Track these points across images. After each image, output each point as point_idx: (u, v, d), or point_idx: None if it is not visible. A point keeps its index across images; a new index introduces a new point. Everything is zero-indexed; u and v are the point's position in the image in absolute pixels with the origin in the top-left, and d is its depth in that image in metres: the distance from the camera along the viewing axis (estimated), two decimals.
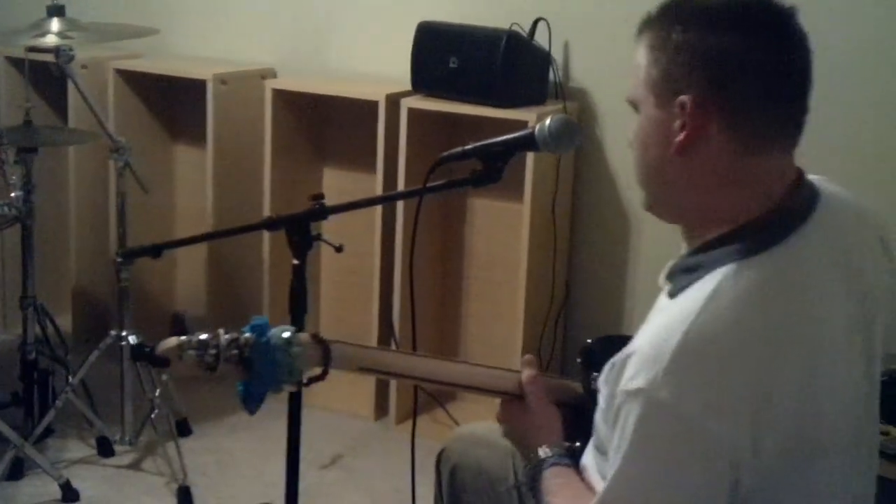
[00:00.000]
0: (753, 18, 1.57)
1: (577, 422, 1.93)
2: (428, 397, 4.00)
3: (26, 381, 3.60)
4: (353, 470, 3.70)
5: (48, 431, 3.65)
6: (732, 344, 1.50)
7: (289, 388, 1.90)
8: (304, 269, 2.46)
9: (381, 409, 4.04)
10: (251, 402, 1.85)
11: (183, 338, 1.82)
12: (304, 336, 1.88)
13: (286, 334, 1.84)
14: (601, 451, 1.74)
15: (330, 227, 2.79)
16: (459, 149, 2.20)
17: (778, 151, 1.62)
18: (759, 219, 1.60)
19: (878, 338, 1.69)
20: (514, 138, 2.17)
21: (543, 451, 1.87)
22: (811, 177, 1.70)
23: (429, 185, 2.26)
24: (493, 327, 4.05)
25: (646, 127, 1.65)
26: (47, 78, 3.72)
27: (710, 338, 1.50)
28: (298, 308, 2.48)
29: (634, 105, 1.67)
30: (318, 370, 1.94)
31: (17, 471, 3.45)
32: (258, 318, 1.85)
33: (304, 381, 1.94)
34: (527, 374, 2.00)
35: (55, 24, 3.55)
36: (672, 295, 1.63)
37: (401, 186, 3.78)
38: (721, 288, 1.53)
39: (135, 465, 3.64)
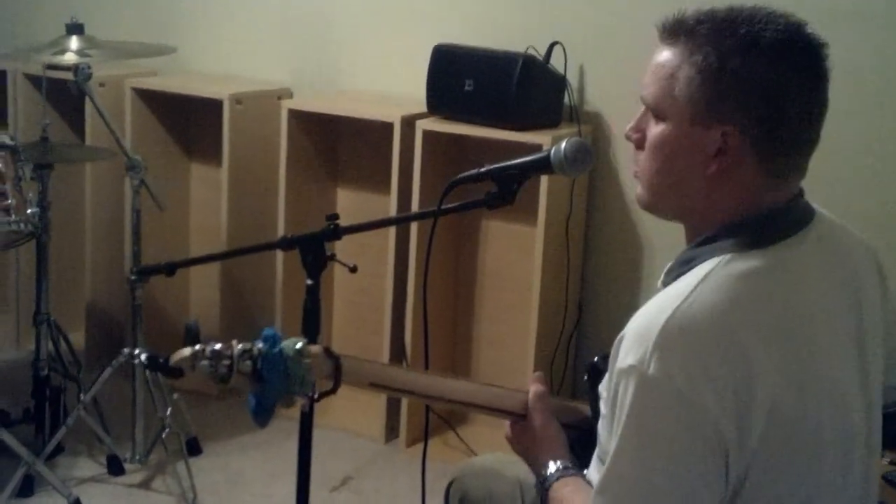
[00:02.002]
0: (800, 56, 1.59)
1: (584, 446, 1.93)
2: (439, 420, 4.00)
3: (38, 397, 3.61)
4: (363, 492, 3.69)
5: (59, 449, 3.65)
6: (718, 323, 1.53)
7: (300, 401, 1.90)
8: (318, 289, 2.46)
9: (391, 431, 4.03)
10: (262, 413, 1.85)
11: (196, 347, 1.82)
12: (315, 348, 1.89)
13: (298, 345, 1.85)
14: (603, 462, 1.74)
15: (343, 248, 2.80)
16: (474, 171, 2.21)
17: (798, 176, 1.66)
18: (758, 216, 1.63)
19: (876, 359, 1.71)
20: (530, 161, 2.18)
21: (551, 466, 1.87)
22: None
23: (443, 206, 2.26)
24: (505, 348, 4.04)
25: (672, 139, 1.64)
26: (65, 95, 3.74)
27: (697, 316, 1.53)
28: (311, 327, 2.49)
29: (657, 112, 1.66)
30: (328, 385, 1.94)
31: (28, 488, 3.44)
32: (268, 329, 1.86)
33: (315, 395, 1.95)
34: (534, 389, 2.00)
35: (74, 41, 3.58)
36: (665, 285, 1.67)
37: (415, 207, 3.79)
38: (713, 273, 1.58)
39: (145, 484, 3.63)
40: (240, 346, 1.82)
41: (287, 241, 2.49)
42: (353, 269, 2.54)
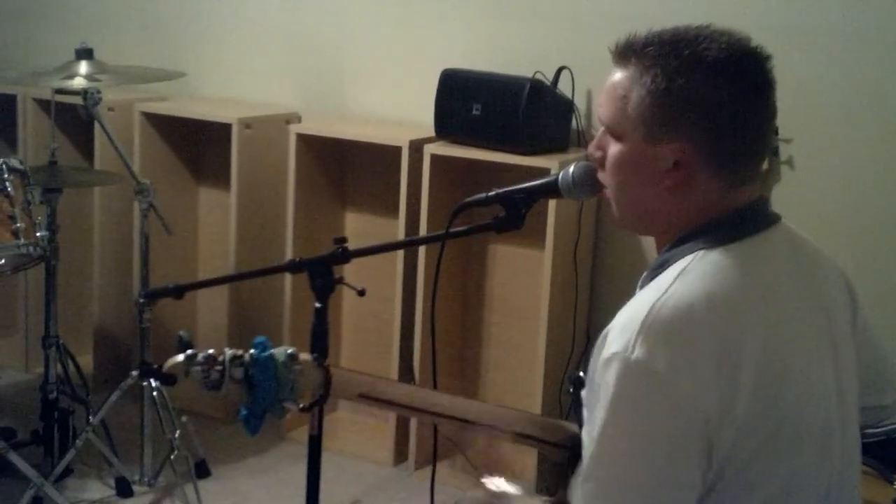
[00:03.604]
0: (742, 71, 1.63)
1: (573, 465, 1.93)
2: (448, 443, 3.98)
3: (47, 420, 3.61)
4: None
5: (68, 471, 3.65)
6: (699, 310, 1.57)
7: (290, 408, 1.92)
8: (326, 312, 2.46)
9: (400, 454, 4.03)
10: (253, 420, 1.87)
11: (189, 352, 1.84)
12: (305, 356, 1.92)
13: (289, 351, 1.87)
14: None
15: (351, 271, 2.79)
16: (482, 194, 2.21)
17: (752, 182, 1.70)
18: (725, 216, 1.67)
19: (849, 366, 1.74)
20: (538, 185, 2.18)
21: None
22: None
23: (451, 230, 2.26)
24: (513, 373, 4.04)
25: (628, 157, 1.69)
26: (74, 119, 3.76)
27: (678, 305, 1.57)
28: (320, 350, 2.48)
29: (613, 131, 1.71)
30: (318, 394, 1.96)
31: None
32: (259, 337, 1.88)
33: (305, 404, 1.97)
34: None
35: (83, 66, 3.60)
36: (642, 287, 1.71)
37: (423, 231, 3.79)
38: (689, 267, 1.62)
39: None
40: (231, 352, 1.84)
41: (295, 265, 2.49)
42: (362, 293, 2.53)
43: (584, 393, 1.73)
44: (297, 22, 4.43)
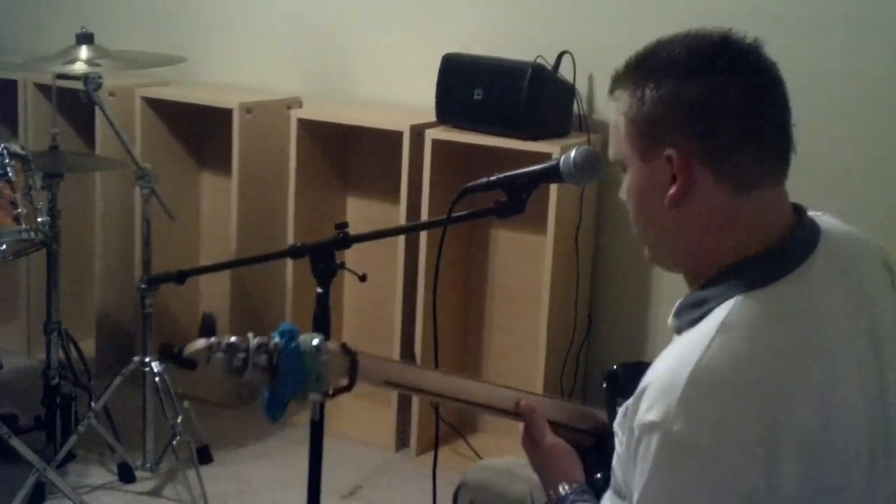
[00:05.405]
0: (721, 62, 1.59)
1: (599, 452, 1.93)
2: (449, 428, 3.99)
3: (49, 405, 3.61)
4: (373, 501, 3.69)
5: (70, 456, 3.65)
6: (742, 376, 1.50)
7: (314, 397, 1.89)
8: (328, 298, 2.46)
9: (401, 439, 4.03)
10: (275, 408, 1.84)
11: (212, 339, 1.81)
12: (332, 344, 1.89)
13: (315, 341, 1.84)
14: (620, 496, 1.73)
15: (352, 257, 2.80)
16: (484, 179, 2.21)
17: (768, 187, 1.63)
18: (761, 253, 1.61)
19: (890, 371, 1.67)
20: (539, 170, 2.18)
21: (563, 489, 1.87)
22: (811, 213, 1.71)
23: (453, 215, 2.26)
24: (514, 358, 4.04)
25: (636, 183, 1.67)
26: (75, 104, 3.75)
27: (720, 370, 1.50)
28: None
29: (622, 165, 1.69)
30: (344, 382, 1.93)
31: (39, 495, 3.45)
32: (286, 324, 1.85)
33: (330, 391, 1.93)
34: (524, 403, 2.01)
35: (84, 51, 3.59)
36: (679, 331, 1.64)
37: (424, 216, 3.79)
38: (729, 320, 1.55)
39: (156, 492, 3.64)
40: (256, 339, 1.82)
41: (297, 250, 2.50)
42: (363, 278, 2.54)
43: (616, 423, 1.69)
44: (298, 6, 4.43)
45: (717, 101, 1.57)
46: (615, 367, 1.90)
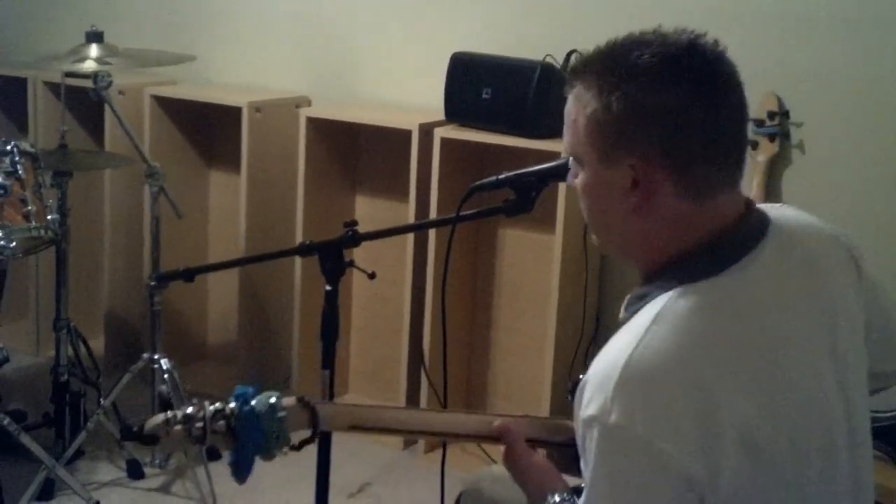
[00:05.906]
0: (686, 72, 1.57)
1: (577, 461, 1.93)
2: None
3: (58, 402, 3.62)
4: (381, 498, 3.70)
5: (79, 453, 3.66)
6: (674, 365, 1.52)
7: (280, 454, 1.90)
8: (337, 296, 2.47)
9: (409, 437, 4.03)
10: (241, 471, 1.84)
11: (169, 414, 1.81)
12: (288, 400, 1.86)
13: (272, 399, 1.83)
14: None
15: (361, 255, 2.80)
16: (493, 178, 2.22)
17: (727, 190, 1.63)
18: (702, 246, 1.61)
19: (858, 375, 1.69)
20: (548, 168, 2.19)
21: (550, 499, 1.87)
22: (765, 206, 1.72)
23: (461, 213, 2.27)
24: (522, 357, 4.04)
25: (592, 181, 1.66)
26: (84, 103, 3.77)
27: (653, 360, 1.52)
28: (330, 334, 2.50)
29: (575, 158, 1.68)
30: (306, 434, 1.93)
31: (48, 492, 3.46)
32: (240, 388, 1.84)
33: (296, 444, 1.92)
34: (498, 424, 1.99)
35: (94, 49, 3.61)
36: (625, 319, 1.67)
37: (433, 215, 3.79)
38: (662, 312, 1.57)
39: (164, 489, 3.65)
40: (212, 407, 1.81)
41: (306, 248, 2.50)
42: (372, 276, 2.55)
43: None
44: (307, 5, 4.43)
45: (683, 114, 1.57)
46: (581, 376, 1.90)
